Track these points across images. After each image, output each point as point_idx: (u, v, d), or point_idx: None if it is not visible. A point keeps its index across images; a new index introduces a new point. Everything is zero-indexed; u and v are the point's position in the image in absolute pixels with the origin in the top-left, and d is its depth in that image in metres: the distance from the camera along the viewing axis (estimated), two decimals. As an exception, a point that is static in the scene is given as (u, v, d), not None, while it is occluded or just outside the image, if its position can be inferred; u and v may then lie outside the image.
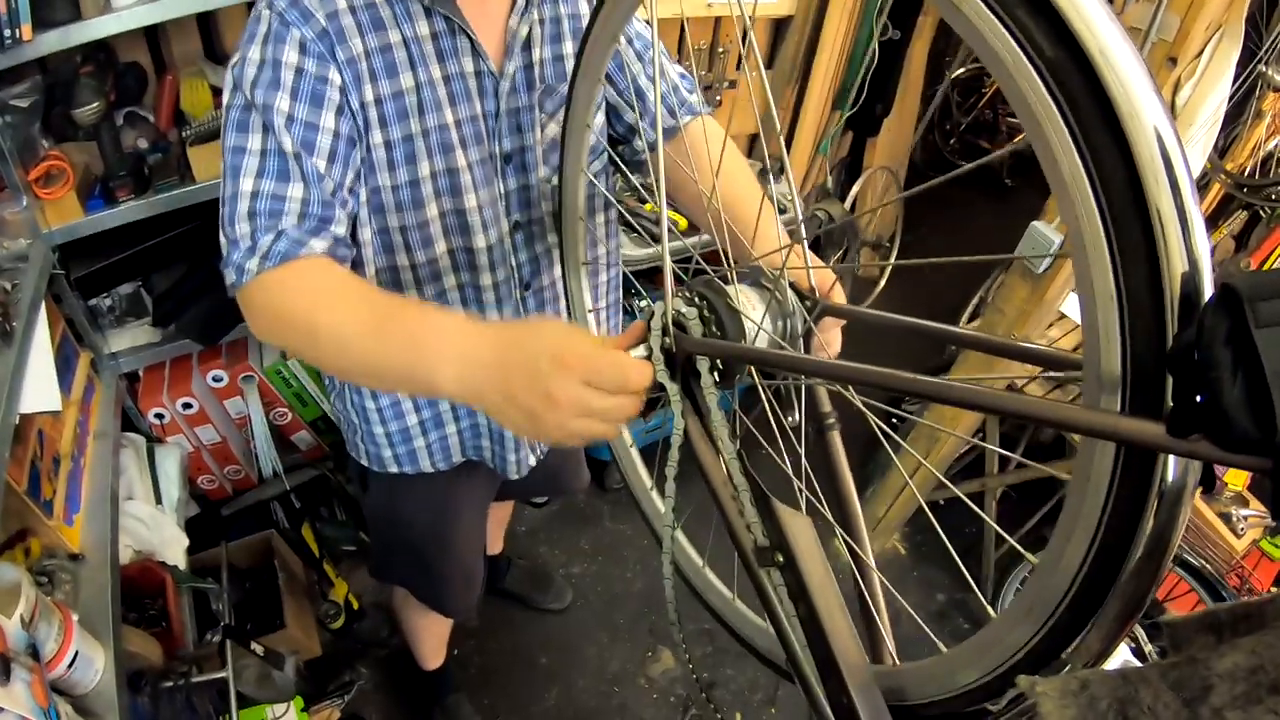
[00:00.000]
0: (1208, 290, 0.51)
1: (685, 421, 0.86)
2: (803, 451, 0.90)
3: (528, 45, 1.21)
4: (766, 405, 0.92)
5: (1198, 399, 0.47)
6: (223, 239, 1.04)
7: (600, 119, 1.32)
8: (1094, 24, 0.51)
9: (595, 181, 1.25)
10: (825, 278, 0.97)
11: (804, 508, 0.86)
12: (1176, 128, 0.51)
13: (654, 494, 1.26)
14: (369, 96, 1.09)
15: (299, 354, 1.31)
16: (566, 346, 0.77)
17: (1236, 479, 2.81)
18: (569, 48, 1.25)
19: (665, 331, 0.85)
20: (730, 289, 0.86)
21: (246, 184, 1.02)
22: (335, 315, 0.95)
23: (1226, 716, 0.46)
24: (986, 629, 0.68)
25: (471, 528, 1.73)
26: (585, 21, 1.16)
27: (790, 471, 0.89)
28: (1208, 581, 2.32)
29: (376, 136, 1.12)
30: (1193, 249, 0.51)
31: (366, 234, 1.20)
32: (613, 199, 1.33)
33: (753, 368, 0.89)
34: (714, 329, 0.84)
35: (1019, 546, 0.88)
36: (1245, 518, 2.72)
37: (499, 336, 0.83)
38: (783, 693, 2.57)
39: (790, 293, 0.89)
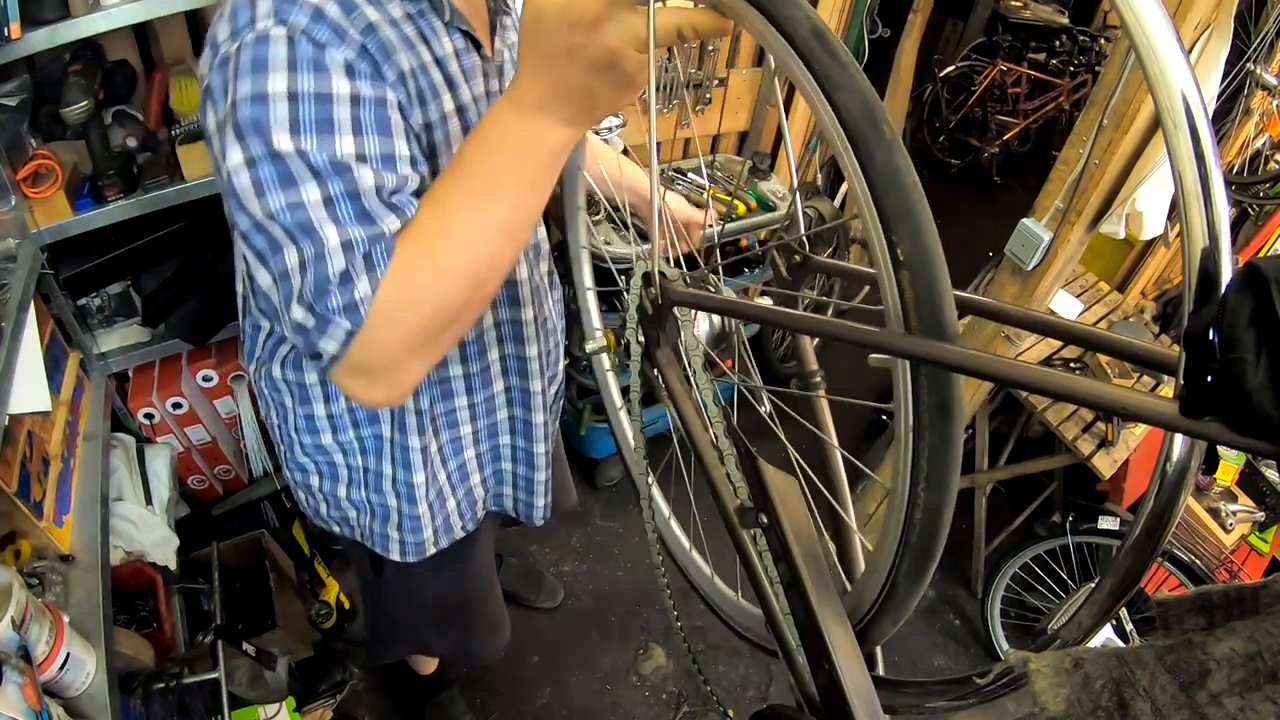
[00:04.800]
0: (1227, 268, 0.50)
1: (670, 381, 0.91)
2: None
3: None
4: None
5: (1208, 379, 0.45)
6: (299, 312, 0.82)
7: None
8: None
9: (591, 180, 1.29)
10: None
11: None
12: (1205, 99, 0.51)
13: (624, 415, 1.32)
14: (419, 120, 0.94)
15: (464, 312, 0.88)
16: (555, 8, 0.73)
17: (1226, 474, 2.83)
18: None
19: (649, 282, 0.89)
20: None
21: (331, 235, 0.80)
22: (459, 238, 0.82)
23: (1224, 703, 0.46)
24: (879, 540, 0.70)
25: (490, 574, 1.70)
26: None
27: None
28: (1197, 576, 2.34)
29: (425, 168, 0.93)
30: (1214, 224, 0.50)
31: None
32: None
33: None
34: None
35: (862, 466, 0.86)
36: (1234, 513, 2.74)
37: (527, 71, 0.78)
38: (774, 689, 2.58)
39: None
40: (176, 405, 2.19)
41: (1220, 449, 2.65)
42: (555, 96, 0.77)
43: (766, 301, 1.00)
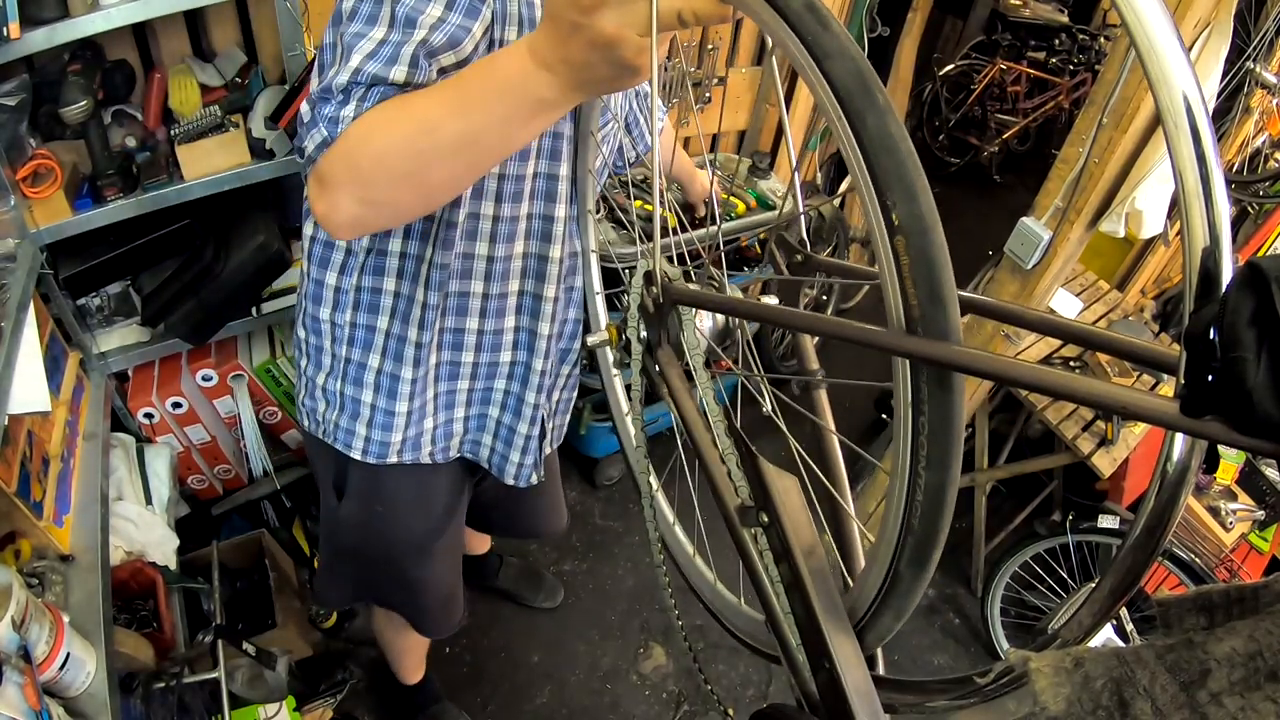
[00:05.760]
0: (1227, 267, 0.50)
1: (670, 380, 0.90)
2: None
3: None
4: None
5: (1209, 379, 0.45)
6: (305, 107, 0.99)
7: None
8: None
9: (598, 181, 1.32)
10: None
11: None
12: (1205, 98, 0.51)
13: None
14: (510, 36, 1.06)
15: (395, 184, 0.98)
16: None
17: (1226, 473, 2.83)
18: None
19: (650, 281, 0.89)
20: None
21: (355, 60, 0.95)
22: (422, 122, 0.91)
23: (1224, 702, 0.46)
24: (880, 529, 0.69)
25: (452, 541, 1.68)
26: None
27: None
28: (1197, 575, 2.34)
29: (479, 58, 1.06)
30: (1215, 224, 0.50)
31: (459, 214, 1.18)
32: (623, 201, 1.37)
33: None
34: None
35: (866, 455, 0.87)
36: (1234, 511, 2.74)
37: (542, 25, 0.83)
38: (774, 688, 2.58)
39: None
40: (176, 405, 2.19)
41: (1220, 448, 2.65)
42: (558, 57, 0.81)
43: (769, 299, 1.00)
